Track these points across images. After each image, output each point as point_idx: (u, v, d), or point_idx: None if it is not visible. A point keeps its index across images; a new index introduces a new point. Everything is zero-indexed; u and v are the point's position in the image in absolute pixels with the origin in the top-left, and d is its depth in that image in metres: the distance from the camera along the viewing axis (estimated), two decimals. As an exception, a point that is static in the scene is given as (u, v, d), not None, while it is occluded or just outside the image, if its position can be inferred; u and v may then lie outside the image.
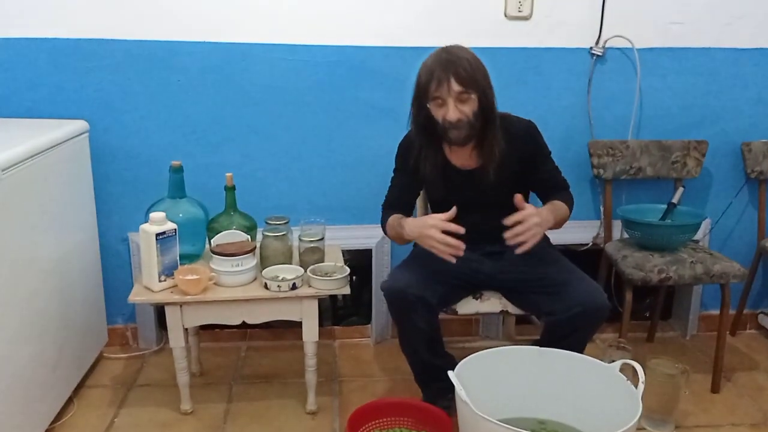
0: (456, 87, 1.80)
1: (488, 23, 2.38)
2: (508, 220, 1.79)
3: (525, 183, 2.06)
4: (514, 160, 1.97)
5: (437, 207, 2.12)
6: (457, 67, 1.79)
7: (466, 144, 1.93)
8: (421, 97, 1.87)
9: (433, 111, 1.86)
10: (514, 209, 2.06)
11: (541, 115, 2.02)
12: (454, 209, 1.83)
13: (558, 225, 1.96)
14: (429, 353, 1.96)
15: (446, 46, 1.86)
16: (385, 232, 2.09)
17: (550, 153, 2.07)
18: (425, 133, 1.94)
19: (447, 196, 2.02)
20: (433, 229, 1.80)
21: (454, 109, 1.82)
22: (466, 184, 2.01)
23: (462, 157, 2.00)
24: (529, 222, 1.78)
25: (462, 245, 1.79)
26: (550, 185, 2.07)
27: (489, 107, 1.87)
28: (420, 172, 1.99)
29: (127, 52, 2.28)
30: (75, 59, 2.27)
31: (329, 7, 2.32)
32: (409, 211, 2.10)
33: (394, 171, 2.11)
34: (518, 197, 1.84)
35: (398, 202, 2.09)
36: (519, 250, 1.80)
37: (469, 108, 1.84)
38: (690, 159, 2.51)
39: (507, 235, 1.78)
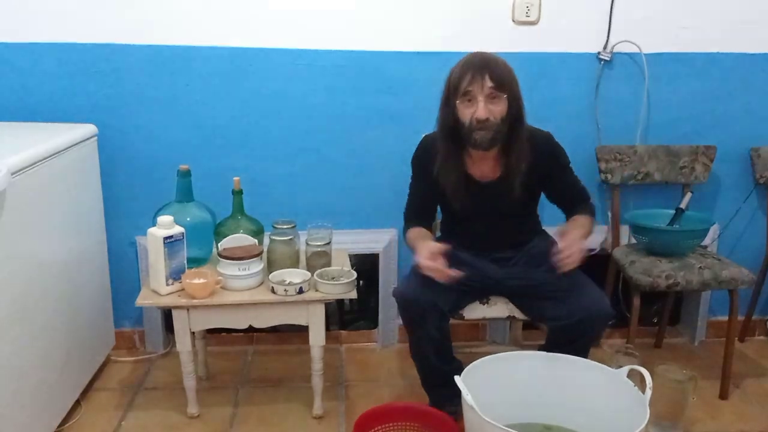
0: (489, 83, 1.80)
1: (496, 28, 2.38)
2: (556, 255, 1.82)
3: (543, 194, 2.07)
4: (533, 171, 1.95)
5: (448, 213, 2.12)
6: (491, 66, 1.81)
7: (490, 149, 1.89)
8: (451, 95, 1.85)
9: (461, 110, 1.85)
10: (524, 219, 2.07)
11: (549, 120, 2.02)
12: (448, 246, 1.86)
13: (587, 237, 1.97)
14: (438, 359, 1.95)
15: (477, 52, 1.88)
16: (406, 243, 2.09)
17: (568, 163, 2.06)
18: (450, 139, 1.91)
19: (462, 206, 2.00)
20: (423, 261, 1.82)
21: (484, 107, 1.81)
22: (485, 196, 2.00)
23: (482, 169, 1.98)
24: (573, 248, 1.81)
25: (450, 272, 1.80)
26: (570, 198, 2.07)
27: (517, 114, 1.87)
28: (439, 182, 1.97)
29: (136, 57, 2.30)
30: (84, 63, 2.28)
31: (337, 12, 2.32)
32: (431, 219, 2.11)
33: (412, 179, 2.09)
34: (560, 231, 1.89)
35: (418, 211, 2.09)
36: (564, 269, 1.82)
37: (498, 110, 1.83)
38: (698, 164, 2.50)
39: (556, 259, 1.82)
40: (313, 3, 2.31)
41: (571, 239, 1.83)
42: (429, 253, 1.82)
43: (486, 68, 1.80)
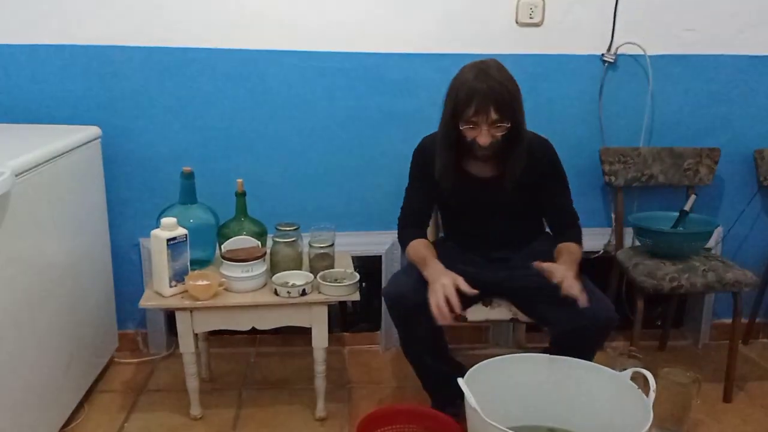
0: (494, 116, 1.80)
1: (500, 30, 2.38)
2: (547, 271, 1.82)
3: (537, 198, 2.06)
4: (529, 173, 1.96)
5: (448, 212, 2.12)
6: (497, 96, 1.79)
7: (490, 160, 1.94)
8: (457, 117, 1.85)
9: (464, 131, 1.87)
10: (525, 220, 2.06)
11: (552, 122, 2.00)
12: (476, 292, 1.82)
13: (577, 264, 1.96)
14: (433, 359, 1.96)
15: (484, 65, 1.83)
16: (403, 250, 2.08)
17: (565, 176, 2.06)
18: (452, 149, 1.94)
19: (460, 202, 2.02)
20: (443, 288, 1.78)
21: (486, 134, 1.83)
22: (481, 192, 2.01)
23: (480, 166, 2.00)
24: (570, 279, 1.80)
25: (450, 317, 1.77)
26: (559, 215, 2.06)
27: (518, 130, 1.88)
28: (435, 178, 1.99)
29: (140, 59, 2.30)
30: (88, 66, 2.29)
31: (342, 15, 2.32)
32: (427, 222, 2.11)
33: (410, 181, 2.10)
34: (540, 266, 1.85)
35: (416, 214, 2.08)
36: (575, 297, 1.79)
37: (500, 133, 1.85)
38: (702, 166, 2.49)
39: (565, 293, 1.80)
40: (316, 5, 2.31)
41: (566, 271, 1.82)
42: (449, 288, 1.78)
43: (491, 99, 1.78)
